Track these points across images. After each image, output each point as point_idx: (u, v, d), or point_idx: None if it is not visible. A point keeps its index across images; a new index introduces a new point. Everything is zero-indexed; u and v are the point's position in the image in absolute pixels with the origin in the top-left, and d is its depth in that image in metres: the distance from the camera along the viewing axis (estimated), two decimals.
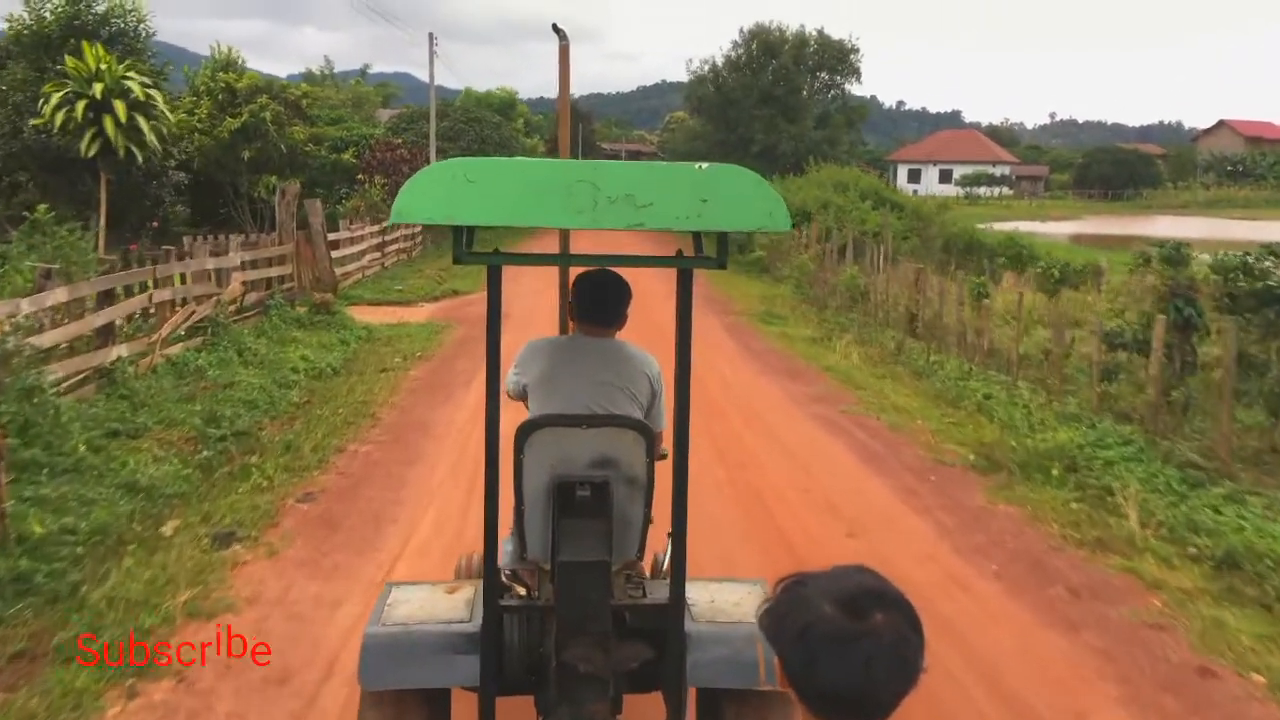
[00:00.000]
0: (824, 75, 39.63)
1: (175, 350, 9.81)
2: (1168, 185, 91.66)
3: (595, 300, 3.18)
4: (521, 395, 3.28)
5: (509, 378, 3.28)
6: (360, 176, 22.29)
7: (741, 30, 39.38)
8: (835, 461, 7.75)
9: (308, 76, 62.50)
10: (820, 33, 39.10)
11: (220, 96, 23.63)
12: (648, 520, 2.98)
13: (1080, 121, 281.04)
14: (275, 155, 23.50)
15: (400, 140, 26.90)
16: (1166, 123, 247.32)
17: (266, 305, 12.68)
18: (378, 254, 21.04)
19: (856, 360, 12.83)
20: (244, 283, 11.81)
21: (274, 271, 13.25)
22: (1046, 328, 14.87)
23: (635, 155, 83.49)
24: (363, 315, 15.56)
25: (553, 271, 3.39)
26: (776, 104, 37.88)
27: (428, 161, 29.80)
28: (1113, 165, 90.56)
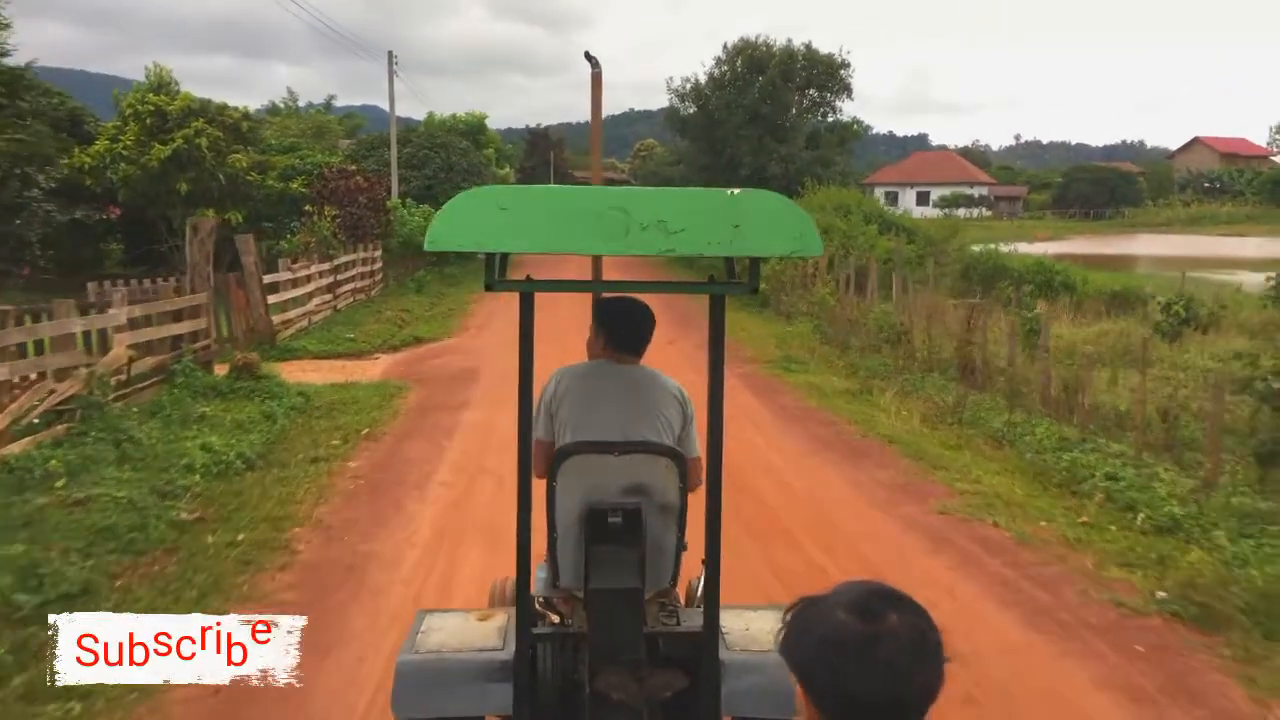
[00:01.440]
0: (812, 92, 37.31)
1: (18, 448, 7.09)
2: (1147, 203, 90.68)
3: (625, 328, 3.10)
4: (546, 429, 3.05)
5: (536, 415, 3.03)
6: (308, 208, 19.58)
7: (726, 46, 37.16)
8: (987, 626, 5.10)
9: (271, 109, 59.82)
10: (808, 47, 36.95)
11: (149, 121, 20.89)
12: (681, 547, 2.91)
13: (1045, 142, 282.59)
14: (213, 186, 20.77)
15: (356, 167, 24.19)
16: (1130, 141, 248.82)
17: (171, 372, 9.96)
18: (329, 295, 18.33)
19: (916, 423, 10.27)
20: (133, 345, 9.08)
21: (183, 327, 10.52)
22: (1106, 368, 12.43)
23: (607, 183, 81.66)
24: (303, 374, 12.84)
25: (555, 306, 3.20)
26: (764, 123, 35.30)
27: (388, 191, 27.21)
28: (1092, 184, 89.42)
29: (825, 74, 36.26)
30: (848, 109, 51.90)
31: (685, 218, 2.13)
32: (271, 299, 14.94)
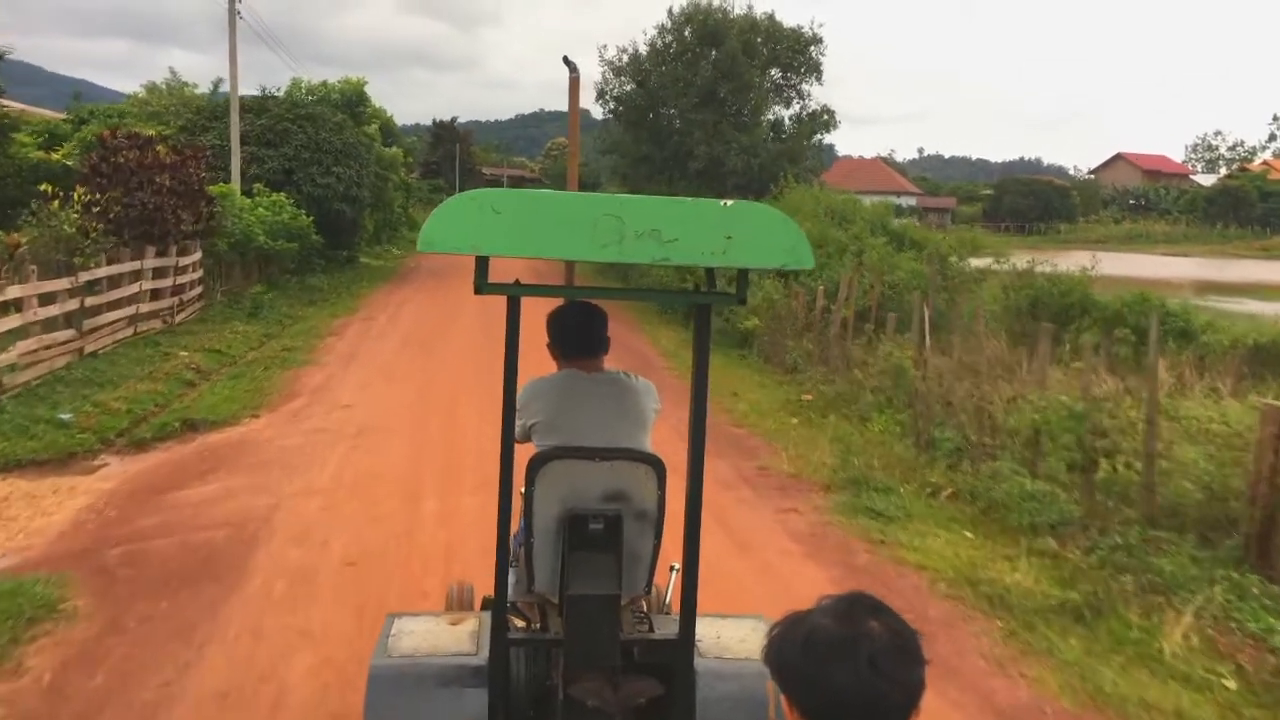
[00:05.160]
0: (776, 73, 30.84)
1: None
2: (1079, 219, 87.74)
3: (582, 332, 3.10)
4: (525, 439, 3.03)
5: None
6: (45, 188, 12.23)
7: (671, 12, 30.25)
8: None
9: (150, 89, 51.43)
10: (771, 18, 30.15)
11: None
12: (657, 554, 2.87)
13: (947, 157, 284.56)
14: None
15: (155, 133, 16.76)
16: (1028, 158, 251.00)
17: None
18: (69, 333, 11.11)
19: None
20: None
21: None
22: None
23: (518, 181, 76.13)
24: None
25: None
26: (720, 107, 28.83)
27: (208, 168, 19.98)
28: (1027, 197, 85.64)
29: (791, 51, 29.72)
30: (817, 94, 45.82)
31: (679, 227, 2.15)
32: None
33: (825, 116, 30.19)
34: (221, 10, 32.75)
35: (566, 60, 3.59)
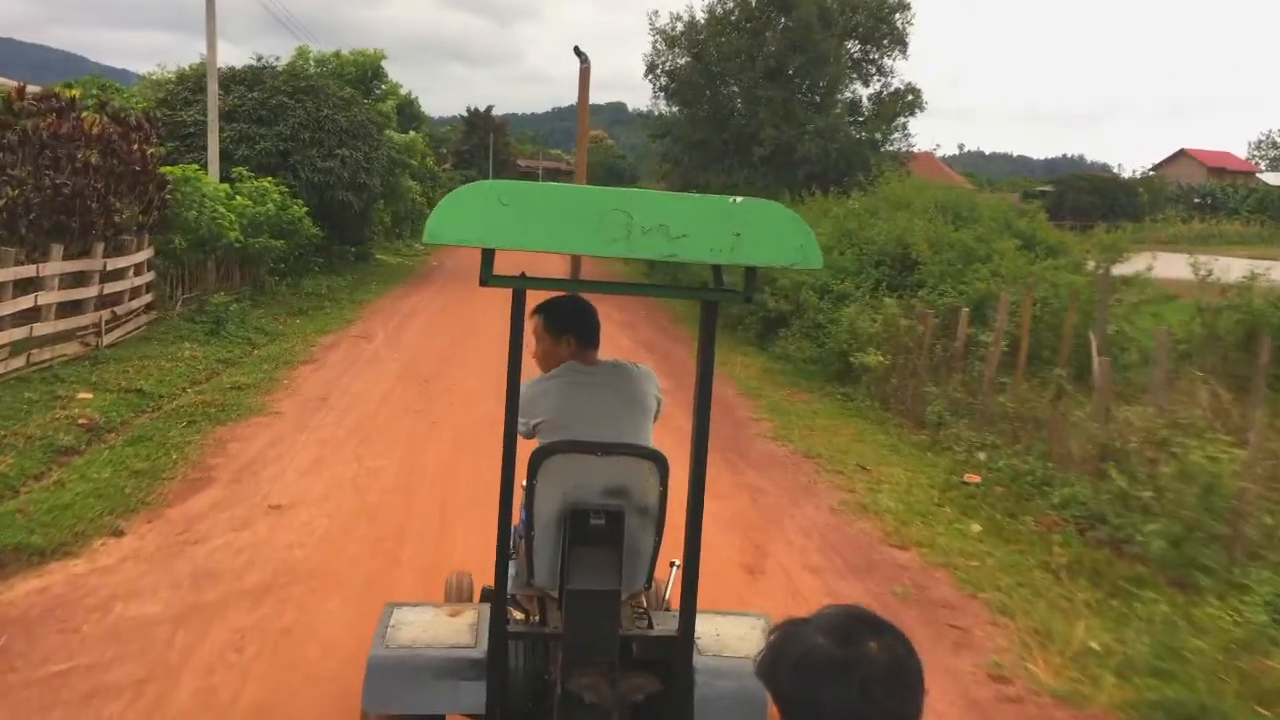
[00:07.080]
0: (853, 45, 26.55)
1: None
2: (1145, 218, 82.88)
3: (589, 324, 3.07)
4: (531, 436, 2.97)
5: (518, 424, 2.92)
6: None
7: None
8: None
9: (180, 73, 49.12)
10: None
11: None
12: (657, 550, 2.84)
13: (987, 153, 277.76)
14: None
15: (74, 94, 13.08)
16: (1070, 155, 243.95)
17: None
18: None
19: None
20: None
21: None
22: None
23: (553, 174, 73.09)
24: None
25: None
26: (789, 84, 24.80)
27: (201, 150, 16.48)
28: (1091, 194, 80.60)
29: (873, 19, 25.56)
30: (900, 71, 41.68)
31: (687, 223, 2.11)
32: None
33: (911, 96, 26.05)
34: (256, 5, 29.63)
35: (577, 50, 3.94)
